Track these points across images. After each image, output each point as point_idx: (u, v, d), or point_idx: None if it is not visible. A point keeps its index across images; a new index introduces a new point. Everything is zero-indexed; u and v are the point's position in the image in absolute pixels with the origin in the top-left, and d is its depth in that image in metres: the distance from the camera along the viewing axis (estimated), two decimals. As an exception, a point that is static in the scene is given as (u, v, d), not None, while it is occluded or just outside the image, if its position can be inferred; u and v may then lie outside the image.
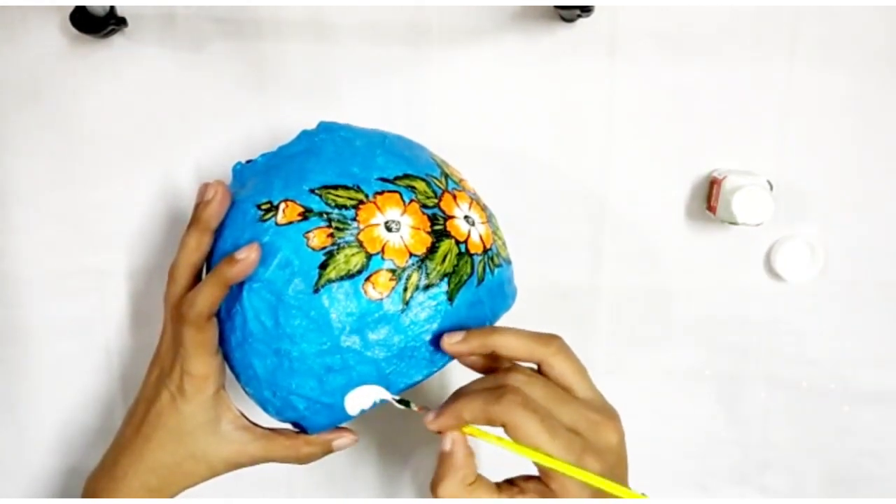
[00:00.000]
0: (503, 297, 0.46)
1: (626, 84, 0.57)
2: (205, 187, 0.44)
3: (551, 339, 0.42)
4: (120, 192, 0.58)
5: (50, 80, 0.56)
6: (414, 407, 0.42)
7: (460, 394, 0.42)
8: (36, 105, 0.56)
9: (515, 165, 0.58)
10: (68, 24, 0.52)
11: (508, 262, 0.48)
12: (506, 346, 0.42)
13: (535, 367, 0.43)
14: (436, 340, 0.42)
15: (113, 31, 0.54)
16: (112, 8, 0.53)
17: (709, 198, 0.58)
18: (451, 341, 0.42)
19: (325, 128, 0.47)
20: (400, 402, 0.42)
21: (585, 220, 0.59)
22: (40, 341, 0.59)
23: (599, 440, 0.40)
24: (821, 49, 0.57)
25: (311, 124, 0.49)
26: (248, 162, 0.47)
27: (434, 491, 0.40)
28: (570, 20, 0.55)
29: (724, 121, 0.58)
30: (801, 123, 0.58)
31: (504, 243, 0.48)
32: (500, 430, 0.40)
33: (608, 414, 0.42)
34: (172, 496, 0.47)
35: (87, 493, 0.48)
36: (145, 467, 0.46)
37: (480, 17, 0.56)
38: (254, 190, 0.44)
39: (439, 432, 0.41)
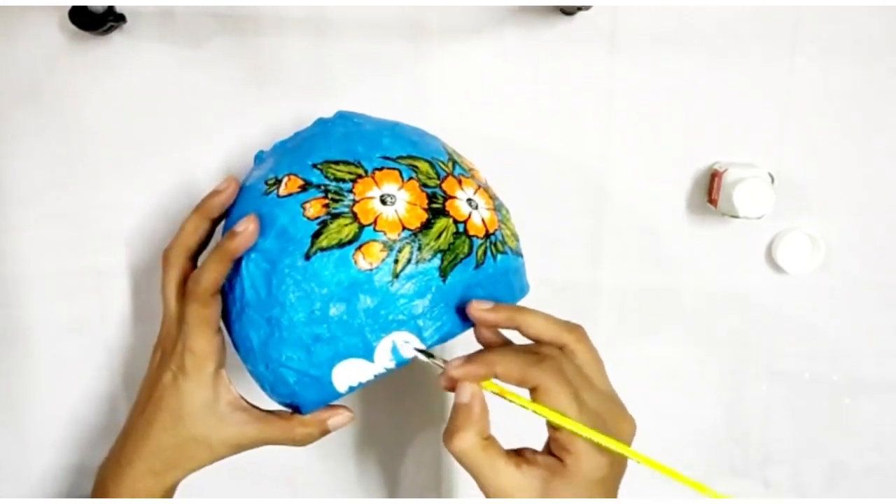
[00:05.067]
0: (508, 287, 0.45)
1: (626, 77, 0.57)
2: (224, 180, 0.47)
3: (576, 326, 0.43)
4: (120, 190, 0.58)
5: (49, 78, 0.56)
6: (438, 360, 0.42)
7: (490, 350, 0.42)
8: (35, 102, 0.56)
9: (515, 160, 0.58)
10: (67, 21, 0.52)
11: (517, 255, 0.47)
12: (533, 324, 0.42)
13: None
14: (448, 310, 0.42)
15: (112, 28, 0.54)
16: (111, 6, 0.53)
17: (710, 191, 0.58)
18: (479, 307, 0.42)
19: (341, 115, 0.48)
20: (423, 352, 0.42)
21: (586, 214, 0.59)
22: (41, 340, 0.59)
23: (618, 429, 0.41)
24: (822, 41, 0.57)
25: (311, 120, 0.49)
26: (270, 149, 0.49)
27: (448, 442, 0.40)
28: (570, 14, 0.55)
29: (725, 113, 0.58)
30: (802, 116, 0.58)
31: (513, 235, 0.48)
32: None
33: (625, 408, 0.43)
34: (177, 480, 0.48)
35: (96, 482, 0.49)
36: (149, 451, 0.47)
37: (480, 12, 0.56)
38: (266, 170, 0.46)
39: (451, 389, 0.41)
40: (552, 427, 0.41)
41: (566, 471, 0.40)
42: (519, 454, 0.41)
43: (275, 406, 0.47)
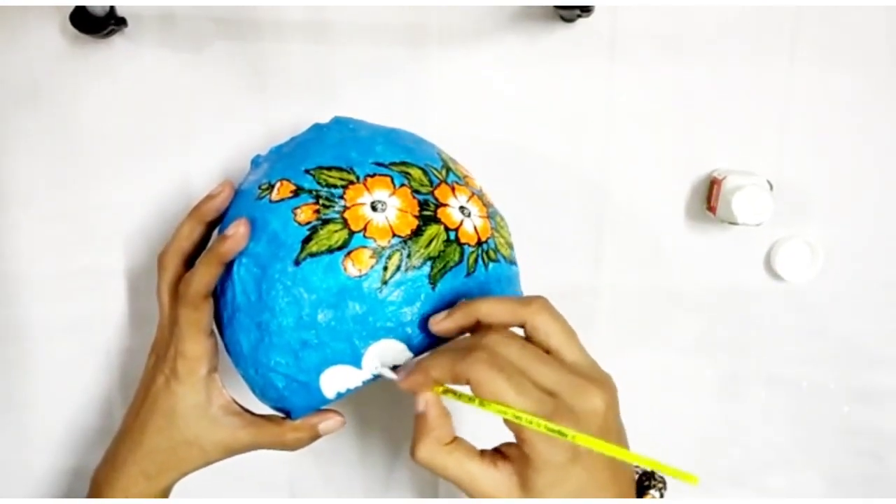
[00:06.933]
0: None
1: (626, 84, 0.57)
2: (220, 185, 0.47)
3: (533, 299, 0.40)
4: (120, 192, 0.58)
5: (49, 81, 0.56)
6: (387, 372, 0.42)
7: (428, 355, 0.41)
8: (35, 105, 0.56)
9: (515, 166, 0.58)
10: (68, 24, 0.52)
11: (511, 263, 0.47)
12: (489, 312, 0.40)
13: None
14: (420, 324, 0.42)
15: (113, 32, 0.54)
16: (112, 8, 0.53)
17: (709, 198, 0.58)
18: (436, 320, 0.41)
19: (337, 121, 0.48)
20: (393, 368, 0.42)
21: (585, 220, 0.59)
22: (40, 342, 0.59)
23: (579, 404, 0.37)
24: (821, 49, 0.57)
25: (310, 124, 0.49)
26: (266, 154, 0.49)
27: (412, 455, 0.39)
28: (569, 20, 0.55)
29: (725, 121, 0.58)
30: (801, 123, 0.58)
31: (507, 244, 0.48)
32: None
33: (596, 379, 0.39)
34: (171, 483, 0.47)
35: (91, 485, 0.49)
36: (143, 453, 0.47)
37: (480, 17, 0.56)
38: (260, 175, 0.46)
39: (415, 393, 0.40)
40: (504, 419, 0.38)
41: (529, 460, 0.37)
42: (496, 451, 0.40)
43: (267, 410, 0.47)
